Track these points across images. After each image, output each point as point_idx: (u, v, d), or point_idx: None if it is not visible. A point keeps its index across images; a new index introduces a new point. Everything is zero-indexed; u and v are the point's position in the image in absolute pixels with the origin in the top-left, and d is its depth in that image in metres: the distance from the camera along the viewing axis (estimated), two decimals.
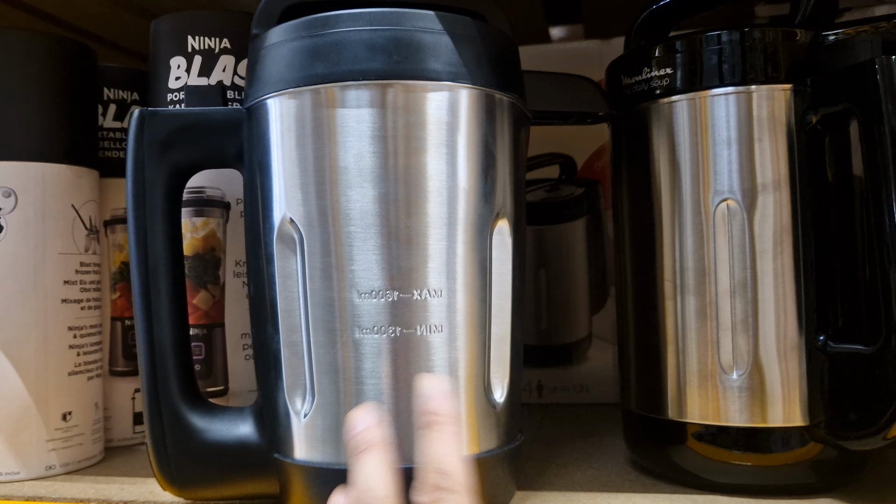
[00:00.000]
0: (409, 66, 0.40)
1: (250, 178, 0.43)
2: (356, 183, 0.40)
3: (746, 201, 0.44)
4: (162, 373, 0.43)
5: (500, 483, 0.43)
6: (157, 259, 0.43)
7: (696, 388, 0.45)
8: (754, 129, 0.44)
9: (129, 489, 0.49)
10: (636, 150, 0.49)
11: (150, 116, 0.43)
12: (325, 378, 0.40)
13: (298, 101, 0.41)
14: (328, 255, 0.40)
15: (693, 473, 0.46)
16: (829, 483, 0.45)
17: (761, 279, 0.44)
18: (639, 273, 0.49)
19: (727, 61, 0.44)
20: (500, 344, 0.43)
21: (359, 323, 0.40)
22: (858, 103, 0.40)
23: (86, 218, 0.55)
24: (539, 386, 0.73)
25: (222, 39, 0.53)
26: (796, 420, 0.43)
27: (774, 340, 0.43)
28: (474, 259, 0.41)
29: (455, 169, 0.41)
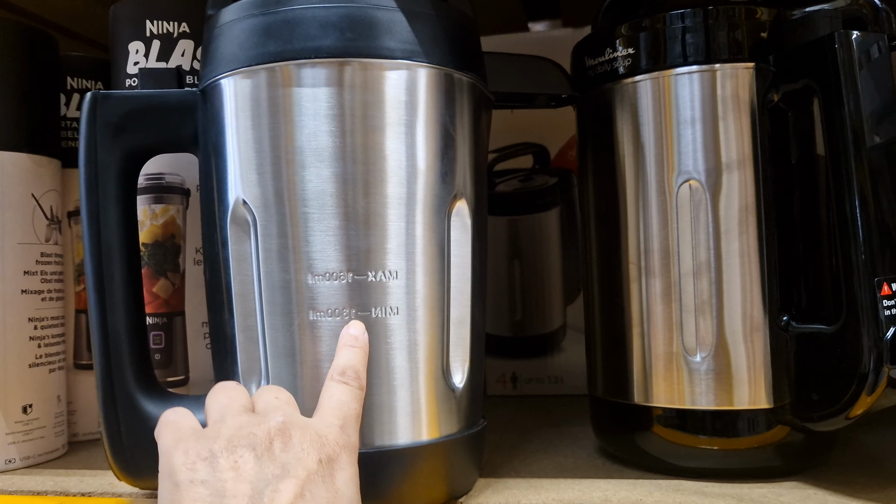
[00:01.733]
0: (363, 44, 0.39)
1: (205, 160, 0.43)
2: (312, 163, 0.39)
3: (710, 181, 0.43)
4: (116, 361, 0.42)
5: (462, 469, 0.42)
6: (111, 244, 0.42)
7: (662, 372, 0.45)
8: (718, 108, 0.43)
9: (88, 481, 0.48)
10: (600, 131, 0.48)
11: (103, 99, 0.43)
12: (280, 362, 0.40)
13: (253, 80, 0.40)
14: (283, 236, 0.40)
15: (659, 458, 0.45)
16: (795, 466, 0.44)
17: (725, 259, 0.43)
18: (604, 256, 0.48)
19: (690, 40, 0.44)
20: (459, 327, 0.42)
21: (314, 305, 0.39)
22: (818, 79, 0.40)
23: (46, 207, 0.54)
24: (514, 378, 0.72)
25: (181, 23, 0.52)
26: (762, 402, 0.43)
27: (739, 321, 0.43)
28: (432, 240, 0.41)
29: (412, 149, 0.40)
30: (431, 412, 0.41)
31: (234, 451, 0.32)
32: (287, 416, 0.34)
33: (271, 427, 0.33)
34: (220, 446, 0.33)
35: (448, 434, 0.41)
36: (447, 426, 0.41)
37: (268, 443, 0.33)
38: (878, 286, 0.37)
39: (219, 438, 0.33)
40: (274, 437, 0.33)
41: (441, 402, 0.41)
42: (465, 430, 0.42)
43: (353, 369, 0.38)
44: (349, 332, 0.39)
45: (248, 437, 0.33)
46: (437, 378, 0.41)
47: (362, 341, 0.39)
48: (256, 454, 0.32)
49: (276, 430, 0.33)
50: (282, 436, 0.33)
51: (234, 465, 0.32)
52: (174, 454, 0.34)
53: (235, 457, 0.32)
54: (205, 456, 0.33)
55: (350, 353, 0.38)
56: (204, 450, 0.33)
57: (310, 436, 0.34)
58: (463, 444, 0.42)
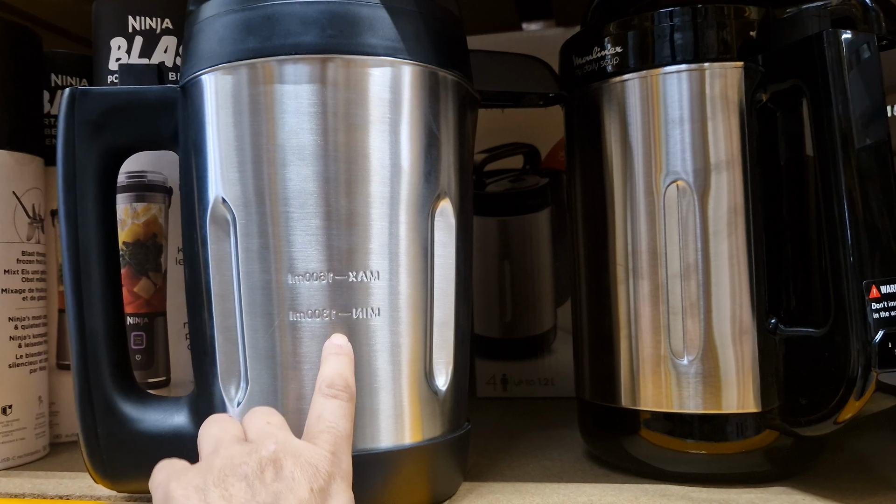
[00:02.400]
0: (345, 41, 0.39)
1: (185, 158, 0.42)
2: (293, 161, 0.39)
3: (698, 182, 0.43)
4: (94, 362, 0.42)
5: (445, 473, 0.42)
6: (89, 243, 0.42)
7: (649, 375, 0.44)
8: (706, 108, 0.43)
9: (67, 484, 0.47)
10: (588, 131, 0.47)
11: (82, 96, 0.42)
12: (259, 364, 0.39)
13: (234, 76, 0.39)
14: (263, 236, 0.39)
15: (646, 462, 0.45)
16: (784, 471, 0.44)
17: (713, 261, 0.42)
18: (591, 257, 0.48)
19: (679, 39, 0.43)
20: (442, 329, 0.41)
21: (294, 306, 0.38)
22: (806, 79, 0.39)
23: (28, 206, 0.53)
24: (504, 380, 0.71)
25: (164, 20, 0.51)
26: (750, 406, 0.42)
27: (727, 324, 0.42)
28: (415, 240, 0.40)
29: (395, 147, 0.39)
30: (414, 415, 0.40)
31: (225, 481, 0.32)
32: (279, 444, 0.34)
33: (263, 456, 0.33)
34: (213, 477, 0.33)
35: (431, 437, 0.40)
36: (430, 429, 0.41)
37: (259, 472, 0.33)
38: (866, 289, 0.37)
39: (211, 469, 0.33)
40: (265, 467, 0.33)
41: (424, 404, 0.40)
42: (448, 434, 0.41)
43: (341, 378, 0.37)
44: (333, 342, 0.38)
45: (239, 468, 0.33)
46: (419, 380, 0.40)
47: (347, 349, 0.38)
48: (248, 483, 0.32)
49: (268, 459, 0.33)
50: (273, 465, 0.33)
51: (227, 494, 0.32)
52: (169, 485, 0.34)
53: (227, 486, 0.32)
54: (198, 485, 0.33)
55: (336, 361, 0.38)
56: (198, 479, 0.33)
57: (301, 465, 0.33)
58: (447, 447, 0.41)
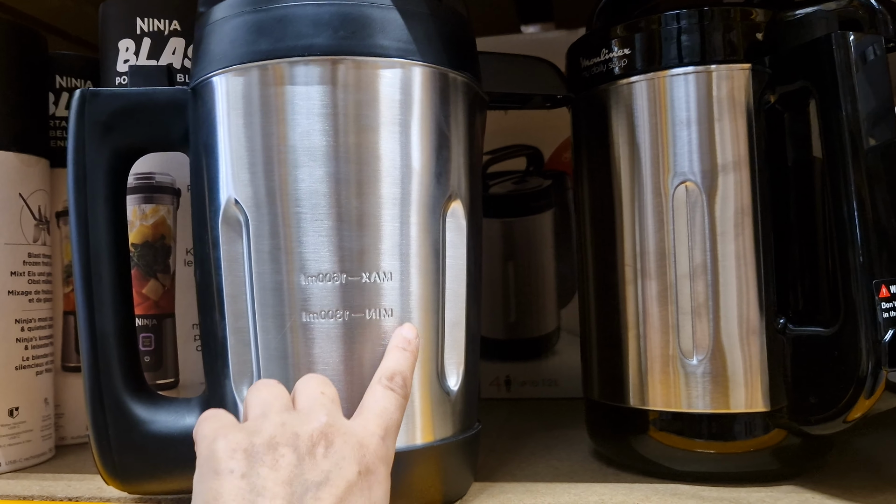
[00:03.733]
0: (357, 42, 0.39)
1: (196, 160, 0.42)
2: (304, 162, 0.39)
3: (706, 183, 0.43)
4: (104, 362, 0.42)
5: (456, 473, 0.42)
6: (100, 245, 0.42)
7: (658, 375, 0.44)
8: (714, 110, 0.43)
9: (76, 486, 0.47)
10: (595, 132, 0.48)
11: (92, 97, 0.42)
12: (272, 365, 0.39)
13: (245, 78, 0.40)
14: (275, 237, 0.39)
15: (655, 462, 0.45)
16: (792, 470, 0.44)
17: (721, 262, 0.43)
18: (599, 258, 0.48)
19: (686, 41, 0.44)
20: (454, 329, 0.41)
21: (306, 307, 0.38)
22: (815, 80, 0.39)
23: (34, 207, 0.53)
24: (507, 381, 0.71)
25: (172, 21, 0.51)
26: (758, 406, 0.43)
27: (735, 324, 0.43)
28: (426, 241, 0.40)
29: (406, 148, 0.40)
30: (426, 415, 0.40)
31: (275, 448, 0.32)
32: (330, 418, 0.33)
33: (314, 429, 0.32)
34: (262, 441, 0.32)
35: (443, 438, 0.41)
36: (442, 430, 0.41)
37: (310, 445, 0.32)
38: (876, 288, 0.37)
39: (261, 433, 0.32)
40: (317, 441, 0.32)
41: (435, 405, 0.40)
42: (459, 434, 0.42)
43: (401, 376, 0.37)
44: (403, 335, 0.38)
45: (290, 437, 0.32)
46: (431, 381, 0.40)
47: (414, 346, 0.38)
48: (298, 456, 0.32)
49: (320, 432, 0.32)
50: (325, 440, 0.32)
51: (275, 463, 0.31)
52: (216, 441, 0.32)
53: (276, 455, 0.31)
54: (246, 447, 0.32)
55: (401, 358, 0.37)
56: (245, 441, 0.32)
57: (351, 444, 0.33)
58: (458, 447, 0.41)
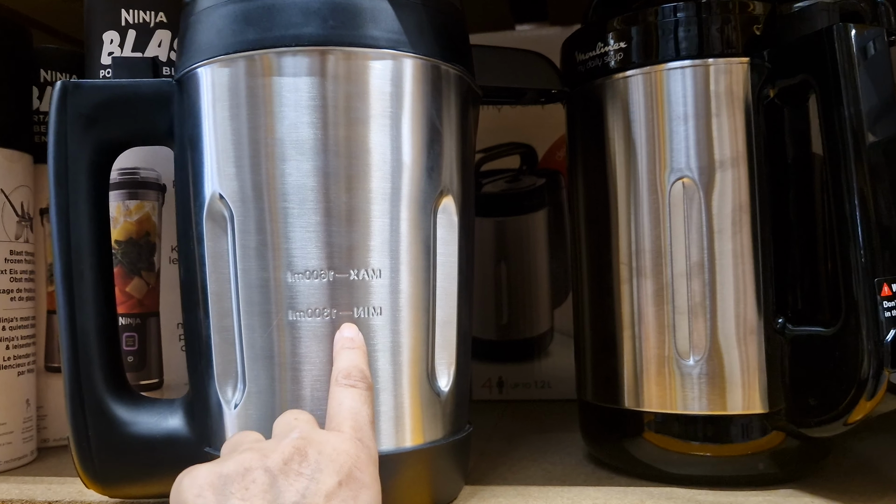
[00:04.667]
0: (346, 32, 0.38)
1: (181, 153, 0.41)
2: (292, 156, 0.38)
3: (703, 179, 0.42)
4: (85, 363, 0.40)
5: (447, 476, 0.41)
6: (81, 242, 0.41)
7: (653, 376, 0.43)
8: (711, 104, 0.42)
9: (56, 489, 0.46)
10: (591, 128, 0.47)
11: (74, 89, 0.41)
12: (257, 364, 0.38)
13: (231, 69, 0.38)
14: (261, 233, 0.38)
15: (650, 465, 0.44)
16: (790, 473, 0.43)
17: (719, 260, 0.42)
18: (594, 256, 0.47)
19: (683, 34, 0.43)
20: (445, 329, 0.40)
21: (293, 305, 0.37)
22: (816, 74, 0.39)
23: (17, 204, 0.52)
24: (500, 382, 0.70)
25: (158, 13, 0.50)
26: (756, 407, 0.42)
27: (732, 324, 0.42)
28: (417, 238, 0.39)
29: (397, 142, 0.39)
30: (416, 417, 0.39)
31: (245, 474, 0.30)
32: (303, 433, 0.32)
33: (286, 446, 0.31)
34: (231, 470, 0.30)
35: (433, 440, 0.40)
36: (432, 432, 0.40)
37: (282, 463, 0.30)
38: (878, 287, 0.36)
39: (229, 462, 0.31)
40: (290, 457, 0.31)
41: (426, 406, 0.39)
42: (450, 436, 0.41)
43: (356, 369, 0.36)
44: (343, 335, 0.37)
45: (260, 459, 0.30)
46: (421, 382, 0.39)
47: (359, 341, 0.37)
48: (270, 476, 0.30)
49: (292, 447, 0.31)
50: (298, 454, 0.31)
51: (245, 491, 0.29)
52: (181, 482, 0.31)
53: (247, 482, 0.30)
54: (212, 481, 0.30)
55: (350, 354, 0.36)
56: (212, 475, 0.30)
57: (327, 453, 0.31)
58: (448, 450, 0.40)
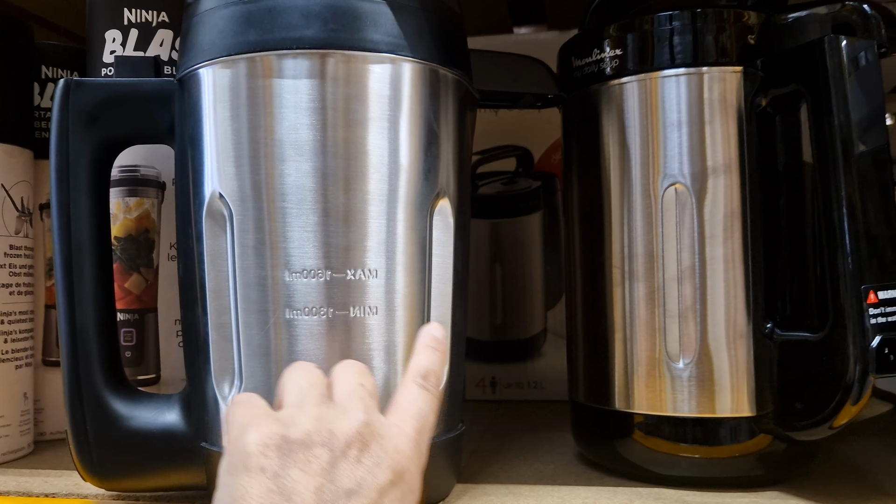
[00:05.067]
0: (347, 36, 0.38)
1: (181, 152, 0.41)
2: (291, 156, 0.38)
3: (695, 185, 0.43)
4: (84, 358, 0.41)
5: (439, 474, 0.41)
6: (82, 237, 0.41)
7: (644, 378, 0.44)
8: (705, 112, 0.43)
9: (53, 482, 0.46)
10: (586, 133, 0.47)
11: (77, 86, 0.41)
12: (254, 361, 0.38)
13: (232, 70, 0.39)
14: (260, 231, 0.38)
15: (639, 466, 0.45)
16: (777, 476, 0.44)
17: (709, 265, 0.42)
18: (587, 259, 0.47)
19: (678, 42, 0.43)
20: None
21: (290, 303, 0.38)
22: (807, 83, 0.39)
23: (17, 199, 0.53)
24: (493, 382, 0.71)
25: (160, 13, 0.50)
26: (744, 410, 0.42)
27: (722, 328, 0.42)
28: (413, 239, 0.40)
29: (395, 144, 0.39)
30: None
31: (309, 448, 0.30)
32: (368, 415, 0.32)
33: (351, 428, 0.31)
34: (297, 437, 0.31)
35: None
36: None
37: (345, 446, 0.31)
38: (864, 294, 0.37)
39: (296, 426, 0.31)
40: (352, 442, 0.31)
41: None
42: (443, 435, 0.41)
43: (435, 376, 0.36)
44: (432, 334, 0.38)
45: (326, 435, 0.31)
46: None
47: (444, 345, 0.38)
48: (333, 457, 0.30)
49: (356, 432, 0.31)
50: (360, 441, 0.31)
51: (308, 465, 0.30)
52: (247, 431, 0.31)
53: (310, 455, 0.30)
54: (278, 443, 0.31)
55: (433, 357, 0.37)
56: (278, 436, 0.31)
57: (387, 449, 0.32)
58: (441, 448, 0.41)
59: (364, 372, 0.35)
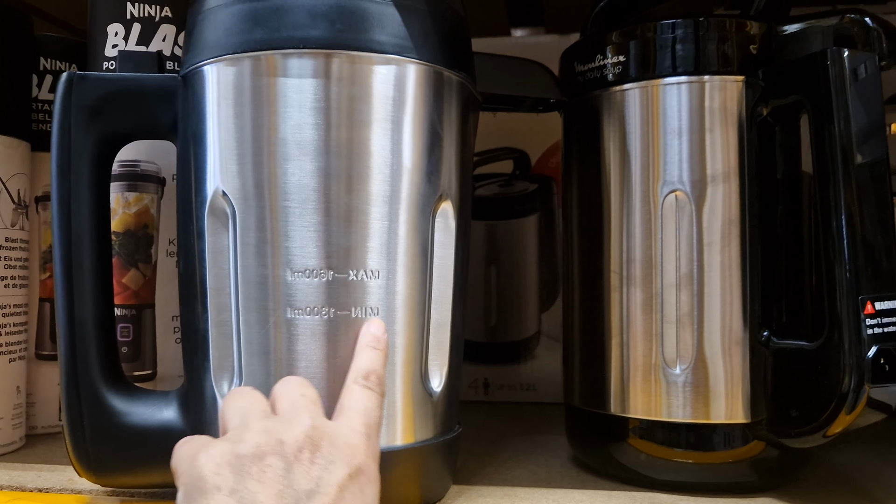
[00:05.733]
0: (353, 36, 0.38)
1: (183, 149, 0.41)
2: (295, 156, 0.38)
3: (695, 193, 0.43)
4: (82, 351, 0.41)
5: (436, 475, 0.42)
6: (82, 231, 0.41)
7: (640, 383, 0.44)
8: (706, 120, 0.43)
9: (46, 476, 0.46)
10: (587, 138, 0.48)
11: (79, 80, 0.41)
12: (254, 359, 0.38)
13: (237, 68, 0.39)
14: (262, 230, 0.38)
15: (634, 470, 0.45)
16: (769, 482, 0.44)
17: (707, 272, 0.43)
18: (586, 264, 0.48)
19: (680, 50, 0.44)
20: (439, 330, 0.41)
21: (291, 303, 0.38)
22: (808, 95, 0.40)
23: (13, 191, 0.52)
24: (486, 383, 0.71)
25: (163, 7, 0.50)
26: (739, 417, 0.43)
27: (719, 335, 0.43)
28: (415, 240, 0.40)
29: (398, 146, 0.39)
30: (407, 416, 0.40)
31: (262, 458, 0.31)
32: (314, 420, 0.33)
33: (299, 433, 0.32)
34: (247, 451, 0.31)
35: (423, 439, 0.40)
36: (423, 431, 0.40)
37: (296, 451, 0.31)
38: (861, 304, 0.37)
39: (244, 442, 0.31)
40: (303, 446, 0.31)
41: (417, 406, 0.40)
42: (440, 436, 0.41)
43: (376, 374, 0.37)
44: (371, 332, 0.38)
45: (275, 444, 0.31)
46: (414, 382, 0.40)
47: (384, 343, 0.38)
48: (286, 463, 0.31)
49: (305, 436, 0.32)
50: (310, 444, 0.31)
51: (262, 475, 0.30)
52: (198, 457, 0.31)
53: (263, 466, 0.30)
54: (230, 460, 0.31)
55: (373, 356, 0.37)
56: (229, 453, 0.31)
57: (339, 446, 0.32)
58: (438, 450, 0.41)
59: (304, 383, 0.36)
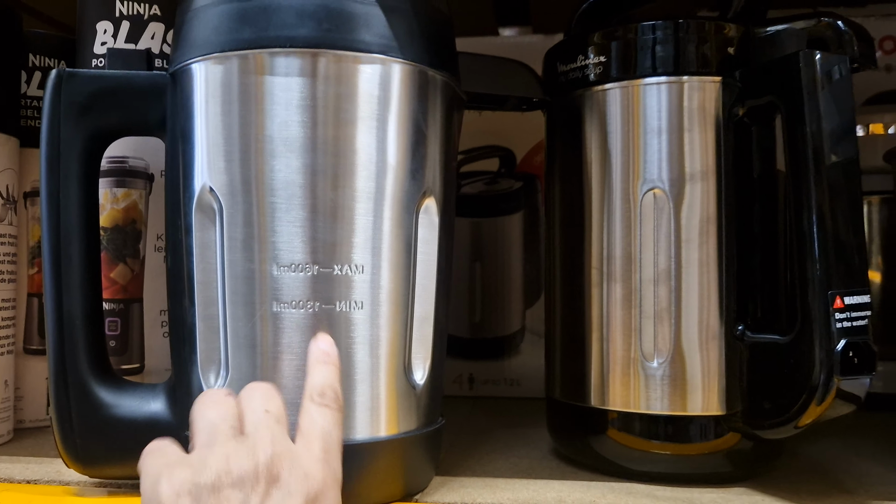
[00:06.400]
0: (340, 36, 0.39)
1: (172, 145, 0.42)
2: (281, 153, 0.39)
3: (673, 191, 0.44)
4: (70, 346, 0.41)
5: (418, 466, 0.42)
6: (71, 226, 0.42)
7: (619, 376, 0.45)
8: (684, 120, 0.44)
9: (34, 468, 0.47)
10: (569, 136, 0.49)
11: (69, 77, 0.42)
12: (240, 353, 0.39)
13: (225, 66, 0.40)
14: (249, 225, 0.39)
15: (612, 461, 0.46)
16: (744, 472, 0.45)
17: (685, 268, 0.44)
18: (567, 260, 0.49)
19: (660, 51, 0.45)
20: (422, 324, 0.42)
21: (277, 296, 0.39)
22: (782, 96, 0.41)
23: (2, 186, 0.53)
24: (470, 379, 0.72)
25: (152, 5, 0.51)
26: (714, 409, 0.44)
27: (696, 329, 0.44)
28: (399, 236, 0.41)
29: (383, 144, 0.40)
30: (391, 408, 0.41)
31: (219, 490, 0.31)
32: (276, 446, 0.33)
33: (259, 465, 0.32)
34: (207, 482, 0.32)
35: (406, 431, 0.41)
36: (406, 423, 0.41)
37: (254, 482, 0.32)
38: (831, 299, 0.38)
39: (206, 470, 0.32)
40: (261, 476, 0.32)
41: (401, 398, 0.41)
42: (423, 428, 0.42)
43: (331, 389, 0.37)
44: (320, 348, 0.38)
45: (235, 476, 0.32)
46: (398, 374, 0.41)
47: (334, 356, 0.38)
48: (244, 495, 0.31)
49: (264, 466, 0.32)
50: (268, 475, 0.32)
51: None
52: (159, 482, 0.32)
53: (221, 498, 0.31)
54: (190, 489, 0.32)
55: (325, 372, 0.37)
56: (189, 482, 0.32)
57: (297, 475, 0.33)
58: (421, 441, 0.42)
59: (270, 395, 0.36)
